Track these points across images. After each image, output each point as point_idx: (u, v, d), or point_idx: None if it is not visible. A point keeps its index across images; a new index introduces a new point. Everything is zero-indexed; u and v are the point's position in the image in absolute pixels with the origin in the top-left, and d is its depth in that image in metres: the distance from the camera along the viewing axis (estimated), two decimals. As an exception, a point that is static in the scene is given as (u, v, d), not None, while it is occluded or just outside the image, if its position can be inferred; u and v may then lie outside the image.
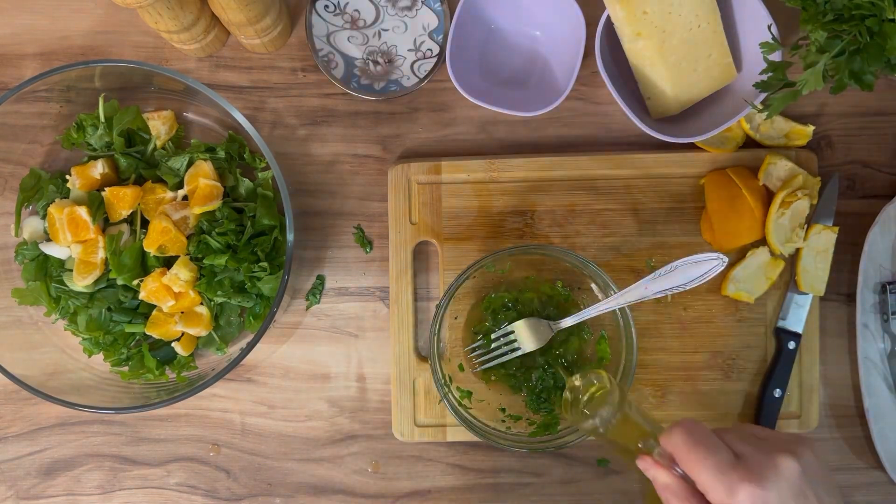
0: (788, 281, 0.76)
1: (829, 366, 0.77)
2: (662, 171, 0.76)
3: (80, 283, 0.72)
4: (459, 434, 0.76)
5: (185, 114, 0.77)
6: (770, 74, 0.65)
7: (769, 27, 0.68)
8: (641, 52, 0.70)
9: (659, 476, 0.54)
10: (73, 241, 0.72)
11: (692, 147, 0.76)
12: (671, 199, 0.76)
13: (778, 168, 0.74)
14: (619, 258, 0.76)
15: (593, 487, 0.77)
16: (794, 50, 0.64)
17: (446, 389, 0.70)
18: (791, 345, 0.75)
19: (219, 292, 0.72)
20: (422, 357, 0.77)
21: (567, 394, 0.63)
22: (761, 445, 0.53)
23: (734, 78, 0.73)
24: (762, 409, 0.75)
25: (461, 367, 0.73)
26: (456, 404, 0.70)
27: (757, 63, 0.70)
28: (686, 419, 0.55)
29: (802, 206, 0.73)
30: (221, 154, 0.75)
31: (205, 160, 0.74)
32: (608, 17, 0.70)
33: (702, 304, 0.76)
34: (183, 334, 0.75)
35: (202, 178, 0.72)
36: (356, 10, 0.77)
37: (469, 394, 0.72)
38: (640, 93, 0.74)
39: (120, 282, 0.73)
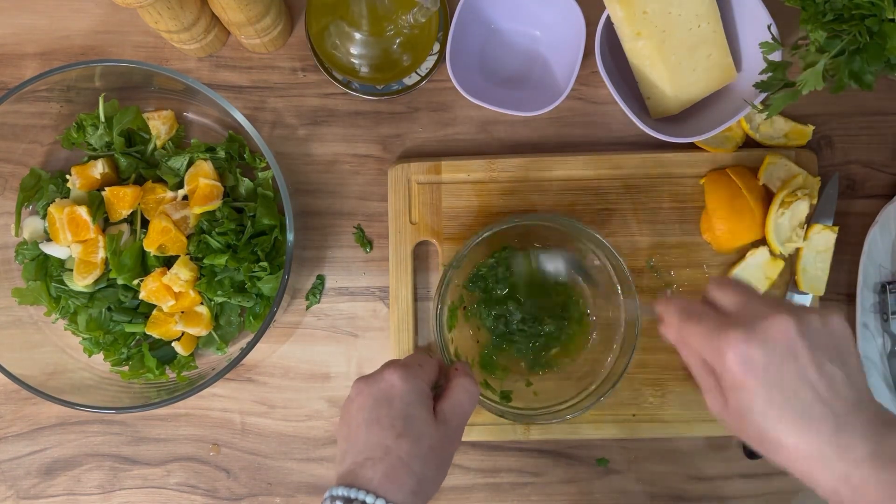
0: (788, 281, 0.76)
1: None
2: (662, 171, 0.76)
3: (80, 282, 0.72)
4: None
5: (185, 113, 0.77)
6: (770, 74, 0.65)
7: (769, 27, 0.68)
8: (641, 52, 0.70)
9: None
10: (73, 240, 0.72)
11: (692, 147, 0.76)
12: (671, 199, 0.76)
13: (778, 168, 0.74)
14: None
15: (593, 487, 0.77)
16: (795, 50, 0.64)
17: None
18: None
19: (219, 292, 0.72)
20: None
21: None
22: (758, 303, 0.49)
23: (734, 78, 0.73)
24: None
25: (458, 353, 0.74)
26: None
27: (757, 63, 0.70)
28: (671, 299, 0.53)
29: (802, 205, 0.73)
30: (221, 154, 0.75)
31: (205, 160, 0.74)
32: (608, 17, 0.70)
33: (702, 304, 0.77)
34: (183, 334, 0.75)
35: (202, 178, 0.72)
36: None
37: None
38: (640, 93, 0.74)
39: (120, 281, 0.73)
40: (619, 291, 0.71)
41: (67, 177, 0.74)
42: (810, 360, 0.45)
